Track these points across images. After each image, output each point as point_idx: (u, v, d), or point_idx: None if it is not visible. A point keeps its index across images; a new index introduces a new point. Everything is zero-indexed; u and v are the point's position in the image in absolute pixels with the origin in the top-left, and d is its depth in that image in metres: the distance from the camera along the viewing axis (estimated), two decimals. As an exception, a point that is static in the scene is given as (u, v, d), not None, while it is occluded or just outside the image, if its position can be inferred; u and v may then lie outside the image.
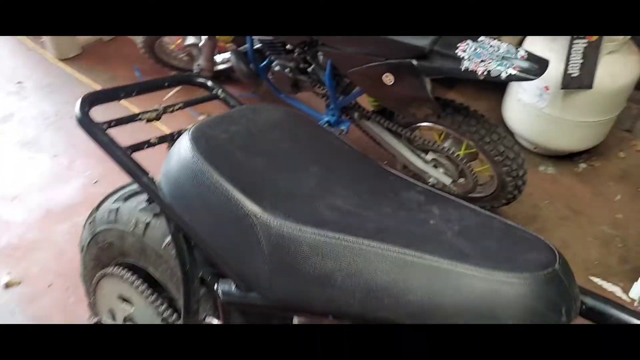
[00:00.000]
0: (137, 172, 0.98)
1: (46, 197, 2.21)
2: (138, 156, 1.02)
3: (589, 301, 0.84)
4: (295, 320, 0.95)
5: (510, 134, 2.38)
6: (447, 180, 1.99)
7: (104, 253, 1.34)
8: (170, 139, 1.10)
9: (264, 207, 0.82)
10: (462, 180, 2.02)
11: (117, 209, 1.23)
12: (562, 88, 2.15)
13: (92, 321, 1.28)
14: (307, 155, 0.95)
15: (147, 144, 1.07)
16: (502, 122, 2.59)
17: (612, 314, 0.83)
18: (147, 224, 1.20)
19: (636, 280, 1.87)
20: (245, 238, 0.85)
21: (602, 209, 2.28)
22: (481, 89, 2.85)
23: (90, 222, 1.34)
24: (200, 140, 0.90)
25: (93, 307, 1.43)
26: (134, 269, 1.29)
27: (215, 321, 1.04)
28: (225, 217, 0.85)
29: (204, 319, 1.09)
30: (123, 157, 0.98)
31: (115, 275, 1.29)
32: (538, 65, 1.56)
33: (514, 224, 0.90)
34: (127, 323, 1.33)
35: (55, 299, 1.83)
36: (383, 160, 2.22)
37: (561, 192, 2.36)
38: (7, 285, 1.86)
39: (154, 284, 1.26)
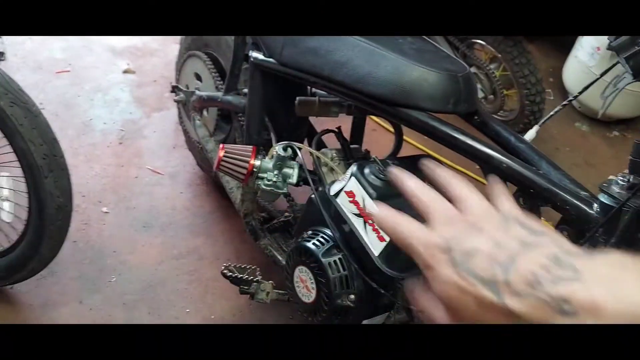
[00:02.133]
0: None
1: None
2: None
3: (481, 115, 1.24)
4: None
5: (565, 93, 2.63)
6: (480, 94, 2.34)
7: (193, 43, 1.87)
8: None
9: None
10: (492, 97, 2.36)
11: None
12: (607, 49, 2.37)
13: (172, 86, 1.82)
14: None
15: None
16: (561, 81, 2.84)
17: (497, 131, 1.22)
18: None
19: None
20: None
21: (615, 169, 2.51)
22: (555, 49, 3.08)
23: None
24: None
25: (177, 81, 1.98)
26: (211, 57, 1.80)
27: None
28: None
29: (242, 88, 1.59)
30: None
31: (197, 56, 1.81)
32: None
33: (457, 59, 1.31)
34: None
35: (155, 90, 2.42)
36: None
37: (585, 146, 2.62)
38: (125, 72, 2.48)
39: (221, 70, 1.77)
